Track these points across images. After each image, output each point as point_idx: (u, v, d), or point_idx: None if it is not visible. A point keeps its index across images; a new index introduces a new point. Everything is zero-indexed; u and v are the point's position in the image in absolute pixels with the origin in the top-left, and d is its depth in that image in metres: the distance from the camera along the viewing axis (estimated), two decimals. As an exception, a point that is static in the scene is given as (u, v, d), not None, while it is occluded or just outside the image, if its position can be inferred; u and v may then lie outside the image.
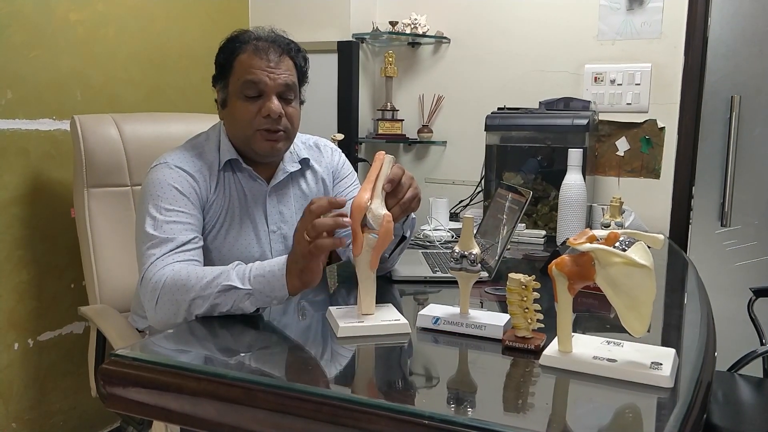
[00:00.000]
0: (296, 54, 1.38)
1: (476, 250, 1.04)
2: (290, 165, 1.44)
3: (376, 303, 1.10)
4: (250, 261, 1.35)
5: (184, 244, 1.23)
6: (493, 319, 1.02)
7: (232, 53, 1.34)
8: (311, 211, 1.04)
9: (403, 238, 1.34)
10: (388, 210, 1.11)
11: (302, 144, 1.50)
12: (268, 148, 1.34)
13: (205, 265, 1.24)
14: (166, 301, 1.12)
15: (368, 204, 1.08)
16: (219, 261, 1.35)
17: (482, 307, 1.23)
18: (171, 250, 1.20)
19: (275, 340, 1.06)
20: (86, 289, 1.71)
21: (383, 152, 1.15)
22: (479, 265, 1.04)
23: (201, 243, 1.28)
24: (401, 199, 1.16)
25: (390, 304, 1.13)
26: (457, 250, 1.04)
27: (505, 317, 1.02)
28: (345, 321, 1.04)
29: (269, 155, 1.37)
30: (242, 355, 0.98)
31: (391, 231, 1.08)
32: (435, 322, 1.05)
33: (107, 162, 1.71)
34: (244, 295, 1.07)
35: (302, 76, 1.41)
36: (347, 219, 1.05)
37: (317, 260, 1.05)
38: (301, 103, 1.41)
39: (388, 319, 1.06)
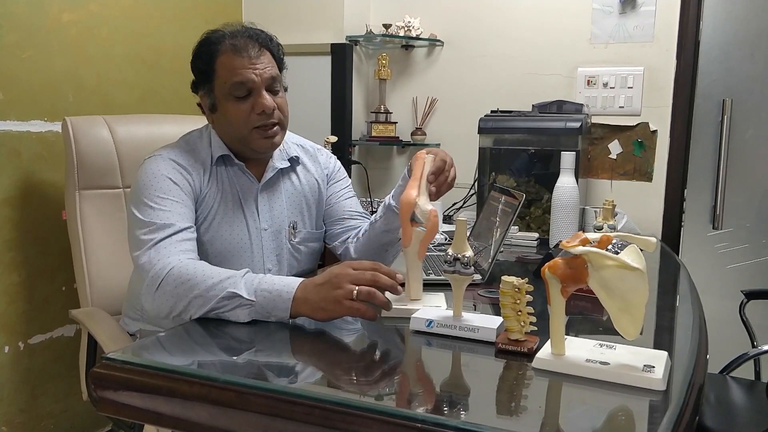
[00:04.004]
0: (271, 44, 1.39)
1: (469, 253, 1.04)
2: (279, 162, 1.45)
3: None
4: (243, 256, 1.38)
5: (180, 231, 1.23)
6: (486, 322, 1.02)
7: (211, 57, 1.33)
8: (372, 268, 1.07)
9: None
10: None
11: (294, 144, 1.52)
12: (267, 144, 1.36)
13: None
14: (166, 291, 1.11)
15: (416, 200, 1.15)
16: (212, 255, 1.35)
17: (475, 309, 1.23)
18: (169, 236, 1.20)
19: (267, 343, 1.05)
20: (77, 291, 1.71)
21: (424, 152, 1.24)
22: (472, 267, 1.04)
23: (195, 234, 1.28)
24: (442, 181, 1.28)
25: (441, 294, 1.21)
26: (450, 253, 1.05)
27: (498, 320, 1.02)
28: (396, 303, 1.12)
29: (269, 150, 1.39)
30: (234, 358, 0.98)
31: (437, 225, 1.16)
32: (428, 325, 1.04)
33: (99, 164, 1.71)
34: (246, 304, 1.06)
35: (281, 64, 1.41)
36: (401, 289, 1.10)
37: (340, 316, 1.05)
38: (285, 89, 1.42)
39: (433, 304, 1.15)
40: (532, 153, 2.14)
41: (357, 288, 1.03)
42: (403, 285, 1.14)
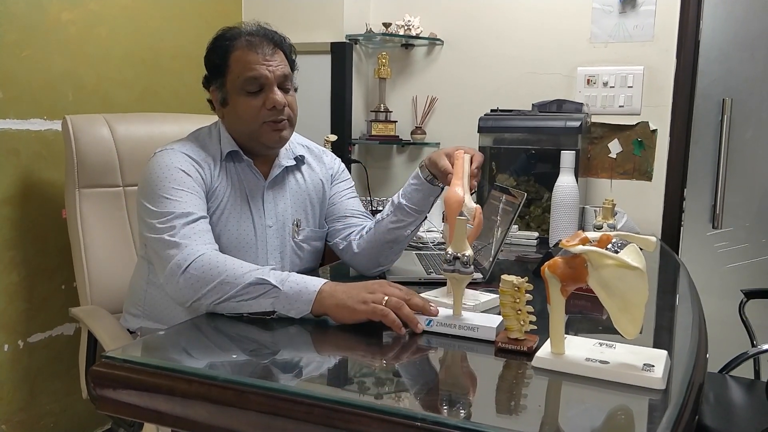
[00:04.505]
0: (284, 44, 1.42)
1: (469, 252, 1.04)
2: (285, 160, 1.46)
3: None
4: (247, 251, 1.39)
5: (199, 220, 1.24)
6: (486, 321, 1.02)
7: (226, 51, 1.36)
8: (408, 292, 1.08)
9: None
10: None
11: (299, 144, 1.53)
12: (276, 138, 1.38)
13: None
14: (193, 275, 1.13)
15: (464, 199, 1.18)
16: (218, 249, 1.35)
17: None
18: (189, 223, 1.22)
19: (267, 342, 1.05)
20: (77, 290, 1.70)
21: (462, 151, 1.24)
22: (472, 266, 1.04)
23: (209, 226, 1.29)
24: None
25: (481, 292, 1.22)
26: (450, 252, 1.04)
27: (498, 319, 1.02)
28: (444, 299, 1.16)
29: (277, 144, 1.41)
30: (234, 356, 0.98)
31: (482, 222, 1.20)
32: (428, 324, 1.04)
33: (99, 162, 1.70)
34: (271, 291, 1.08)
35: (292, 64, 1.44)
36: (434, 310, 1.07)
37: (364, 317, 1.05)
38: (295, 89, 1.44)
39: (481, 299, 1.18)
40: (532, 153, 2.14)
41: (388, 297, 1.05)
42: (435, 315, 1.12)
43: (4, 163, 1.79)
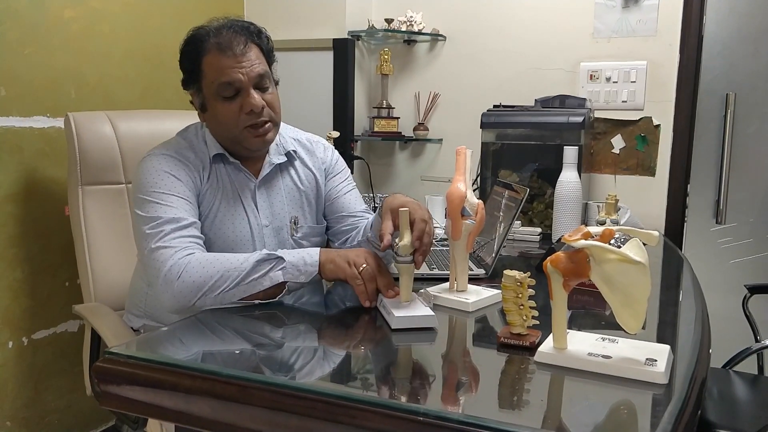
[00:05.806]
0: (258, 37, 1.36)
1: (403, 242, 1.09)
2: (276, 157, 1.43)
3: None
4: (246, 252, 1.37)
5: (188, 226, 1.23)
6: (405, 311, 1.05)
7: (197, 55, 1.31)
8: (384, 270, 1.16)
9: None
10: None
11: (290, 138, 1.49)
12: (259, 143, 1.35)
13: None
14: (192, 275, 1.13)
15: (466, 195, 1.19)
16: (215, 251, 1.34)
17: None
18: (177, 229, 1.21)
19: (270, 338, 1.05)
20: (81, 287, 1.71)
21: (464, 147, 1.26)
22: (410, 257, 1.10)
23: (200, 231, 1.28)
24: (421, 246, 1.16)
25: (483, 288, 1.25)
26: (396, 242, 1.12)
27: (424, 311, 1.06)
28: (445, 294, 1.19)
29: (262, 147, 1.38)
30: (237, 352, 0.98)
31: (484, 217, 1.22)
32: (380, 303, 1.13)
33: (102, 159, 1.71)
34: (279, 262, 1.14)
35: (270, 57, 1.38)
36: (392, 293, 1.13)
37: (343, 276, 1.15)
38: (276, 83, 1.39)
39: (484, 295, 1.20)
40: (535, 148, 2.13)
41: (366, 264, 1.13)
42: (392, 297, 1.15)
43: (7, 161, 1.79)
